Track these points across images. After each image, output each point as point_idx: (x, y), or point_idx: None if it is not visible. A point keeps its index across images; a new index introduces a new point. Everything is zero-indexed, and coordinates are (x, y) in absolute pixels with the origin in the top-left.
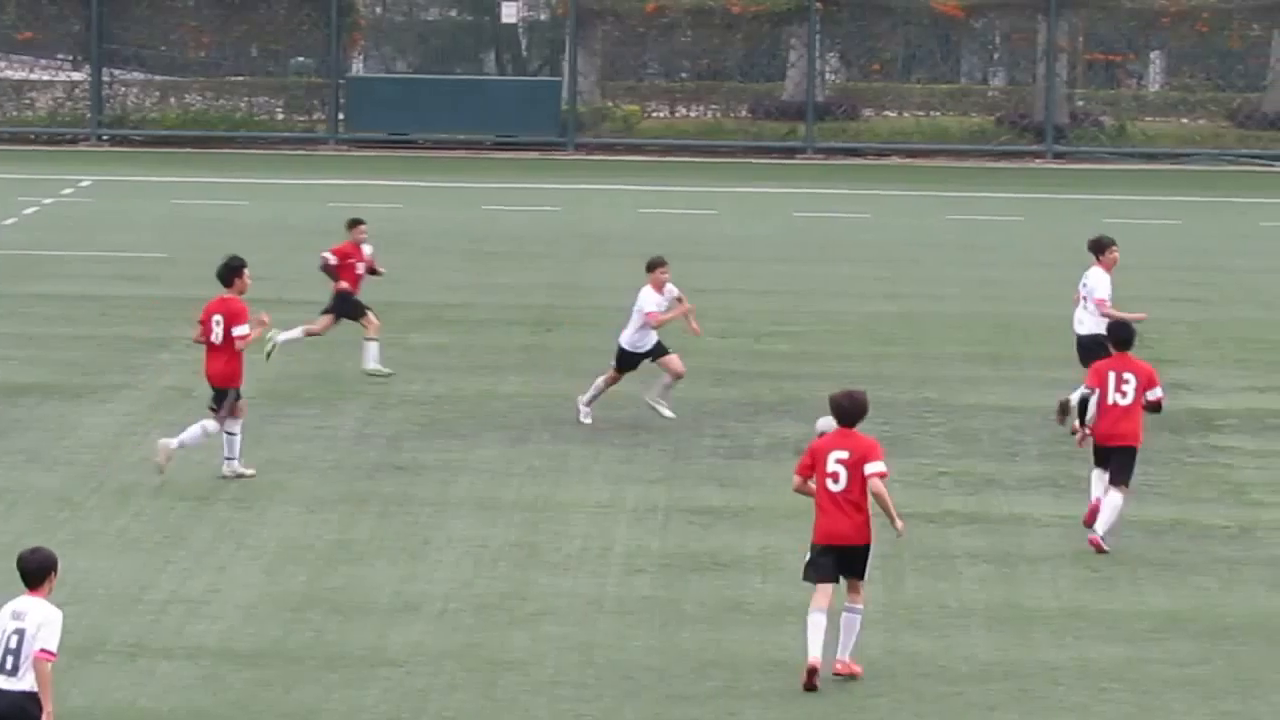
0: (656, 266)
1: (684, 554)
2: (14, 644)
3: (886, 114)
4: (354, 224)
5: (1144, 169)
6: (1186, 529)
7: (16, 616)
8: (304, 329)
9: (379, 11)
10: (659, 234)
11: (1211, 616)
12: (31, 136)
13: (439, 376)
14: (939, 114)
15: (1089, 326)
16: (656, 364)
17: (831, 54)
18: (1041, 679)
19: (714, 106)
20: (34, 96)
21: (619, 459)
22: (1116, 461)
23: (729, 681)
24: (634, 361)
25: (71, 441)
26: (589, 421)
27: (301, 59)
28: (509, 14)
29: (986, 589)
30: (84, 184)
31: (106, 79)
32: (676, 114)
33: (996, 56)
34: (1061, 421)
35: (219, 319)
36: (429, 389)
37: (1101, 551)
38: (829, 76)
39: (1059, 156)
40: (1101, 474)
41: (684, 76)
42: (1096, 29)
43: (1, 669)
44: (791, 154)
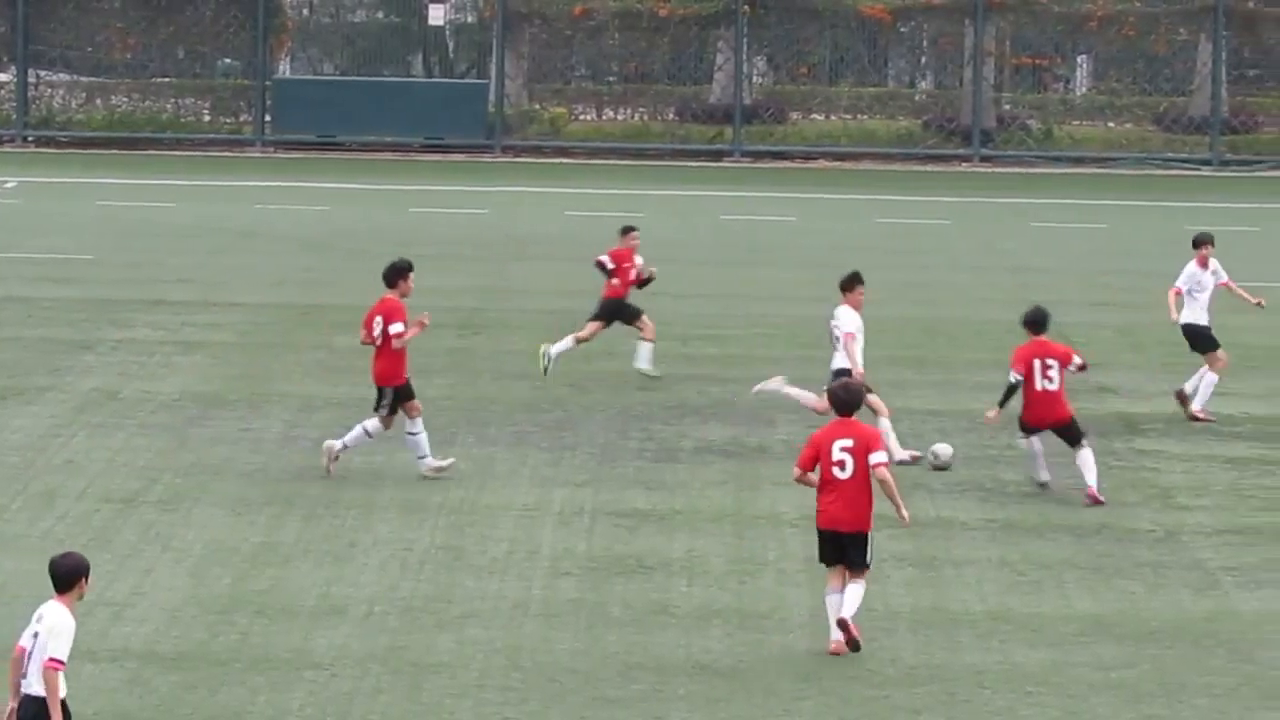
0: None
1: (610, 557)
2: (32, 648)
3: (814, 117)
4: (627, 231)
5: (1071, 173)
6: (1112, 533)
7: (38, 619)
8: (574, 337)
9: (306, 13)
10: (586, 237)
11: (1137, 620)
12: None
13: (365, 380)
14: (866, 117)
15: (1189, 316)
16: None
17: (759, 57)
18: (967, 682)
19: (641, 109)
20: None
21: (545, 462)
22: (1063, 435)
23: (655, 685)
24: None
25: None
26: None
27: (228, 61)
28: (436, 16)
29: (913, 593)
30: (9, 185)
31: (32, 80)
32: (604, 117)
33: (924, 60)
34: (1189, 411)
35: (379, 319)
36: (354, 392)
37: (1099, 503)
38: (756, 80)
39: (986, 160)
40: (1041, 449)
41: (611, 79)
42: (1023, 33)
43: (25, 673)
44: (718, 157)
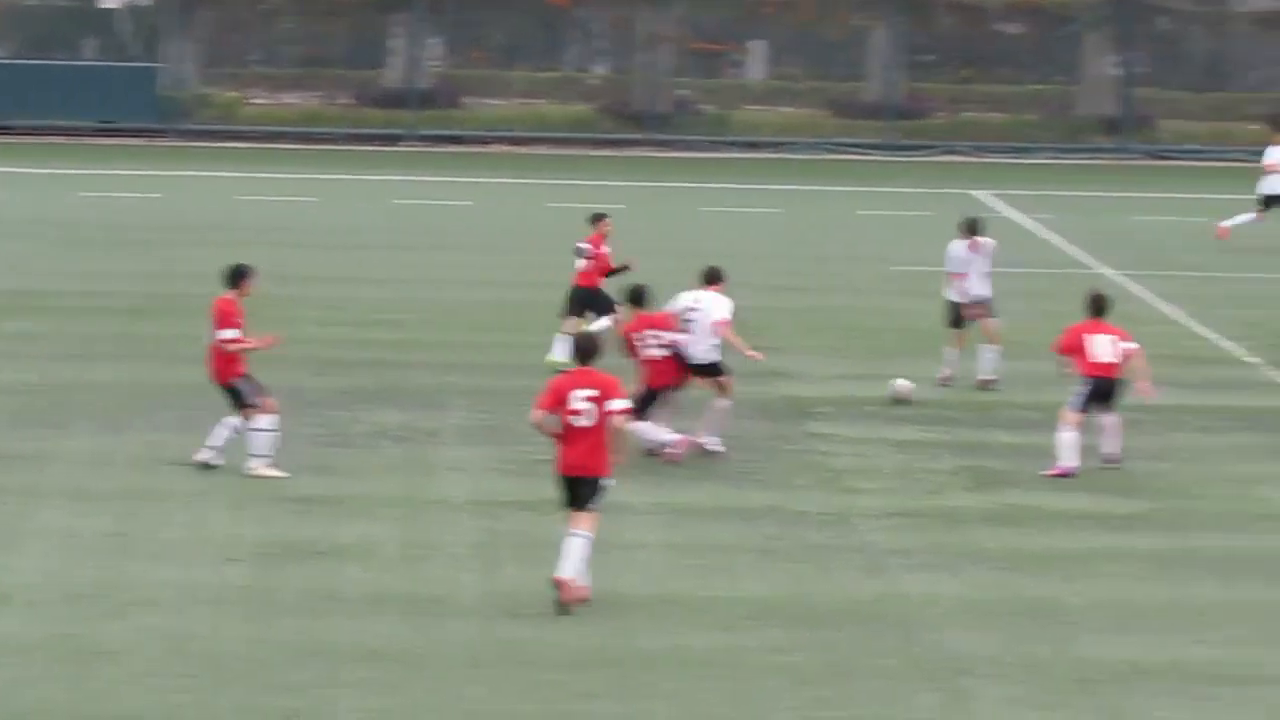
0: None
1: (281, 543)
2: None
3: (489, 102)
4: (598, 218)
5: (745, 157)
6: (782, 515)
7: None
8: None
9: None
10: (256, 221)
11: (806, 603)
12: None
13: (29, 365)
14: (543, 102)
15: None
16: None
17: (435, 41)
18: (638, 666)
19: (316, 94)
20: None
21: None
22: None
23: (325, 671)
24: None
25: None
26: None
27: None
28: None
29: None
30: None
31: None
32: (279, 101)
33: (599, 45)
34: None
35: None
36: (19, 377)
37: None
38: (432, 64)
39: (660, 145)
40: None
41: (287, 64)
42: (700, 18)
43: None
44: (393, 141)
